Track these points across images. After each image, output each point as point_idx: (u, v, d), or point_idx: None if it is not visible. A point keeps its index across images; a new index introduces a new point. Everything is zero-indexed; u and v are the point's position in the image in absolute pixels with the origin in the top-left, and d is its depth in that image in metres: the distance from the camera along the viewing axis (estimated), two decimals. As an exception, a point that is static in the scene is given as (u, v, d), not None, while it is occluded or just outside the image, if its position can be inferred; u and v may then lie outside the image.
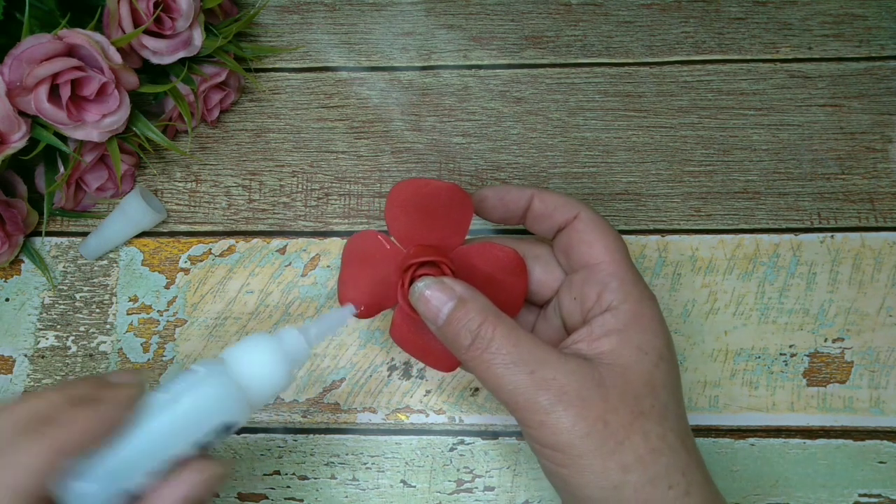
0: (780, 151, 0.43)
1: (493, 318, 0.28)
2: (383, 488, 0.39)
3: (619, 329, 0.28)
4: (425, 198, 0.31)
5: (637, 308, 0.29)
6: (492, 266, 0.32)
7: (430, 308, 0.29)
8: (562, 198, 0.32)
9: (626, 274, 0.30)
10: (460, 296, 0.28)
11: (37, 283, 0.42)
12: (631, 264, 0.30)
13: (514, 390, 0.27)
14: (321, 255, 0.42)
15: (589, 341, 0.28)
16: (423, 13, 0.47)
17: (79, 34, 0.35)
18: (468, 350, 0.28)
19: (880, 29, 0.45)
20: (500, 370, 0.27)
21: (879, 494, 0.38)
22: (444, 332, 0.29)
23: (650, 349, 0.28)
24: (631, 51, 0.45)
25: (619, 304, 0.29)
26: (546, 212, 0.32)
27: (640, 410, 0.27)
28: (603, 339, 0.28)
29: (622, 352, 0.28)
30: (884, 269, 0.41)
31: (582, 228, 0.31)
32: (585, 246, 0.31)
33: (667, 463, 0.26)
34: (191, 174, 0.44)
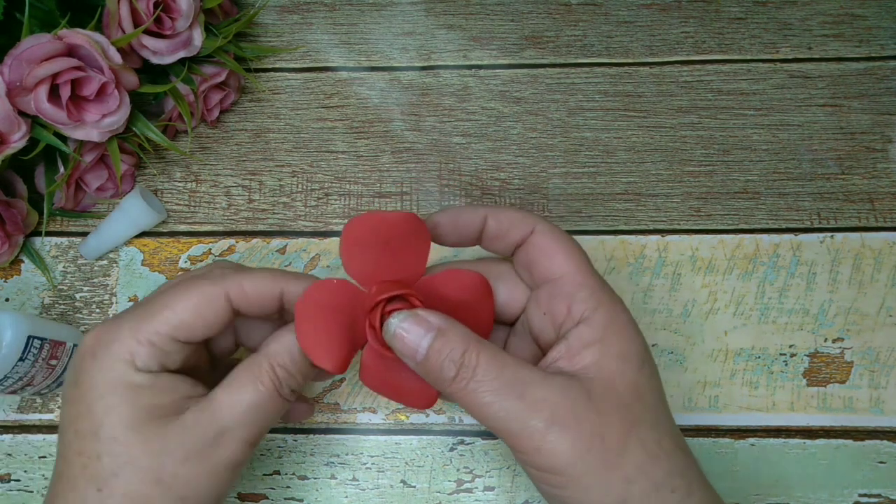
0: (779, 151, 0.43)
1: (476, 345, 0.27)
2: (383, 488, 0.39)
3: (596, 339, 0.28)
4: (382, 231, 0.29)
5: (610, 315, 0.28)
6: (458, 292, 0.31)
7: (408, 344, 0.27)
8: (516, 213, 0.31)
9: (593, 282, 0.29)
10: (438, 327, 0.27)
11: (37, 283, 0.42)
12: (594, 271, 0.30)
13: (506, 417, 0.26)
14: (321, 255, 0.42)
15: (568, 357, 0.28)
16: (423, 13, 0.47)
17: (79, 34, 0.35)
18: (453, 382, 0.26)
19: (880, 29, 0.45)
20: (488, 398, 0.26)
21: (879, 494, 0.38)
22: (425, 366, 0.27)
23: (631, 355, 0.28)
24: (631, 51, 0.45)
25: (591, 313, 0.28)
26: (501, 230, 0.31)
27: (632, 419, 0.26)
28: (583, 353, 0.27)
29: (604, 362, 0.27)
30: (884, 269, 0.41)
31: (540, 242, 0.30)
32: (546, 259, 0.30)
33: (667, 468, 0.26)
34: (191, 174, 0.44)
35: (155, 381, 0.27)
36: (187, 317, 0.27)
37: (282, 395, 0.28)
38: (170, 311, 0.27)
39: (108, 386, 0.26)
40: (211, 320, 0.27)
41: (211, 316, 0.27)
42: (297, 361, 0.28)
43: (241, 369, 0.28)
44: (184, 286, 0.27)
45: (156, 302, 0.27)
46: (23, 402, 0.40)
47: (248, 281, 0.28)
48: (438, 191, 0.43)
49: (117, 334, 0.27)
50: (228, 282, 0.28)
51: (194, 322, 0.27)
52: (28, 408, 0.40)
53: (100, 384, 0.26)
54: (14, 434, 0.40)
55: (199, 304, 0.27)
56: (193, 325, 0.27)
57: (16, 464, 0.39)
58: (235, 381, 0.27)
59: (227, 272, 0.28)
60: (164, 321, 0.27)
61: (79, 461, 0.26)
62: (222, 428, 0.26)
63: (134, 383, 0.26)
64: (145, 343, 0.26)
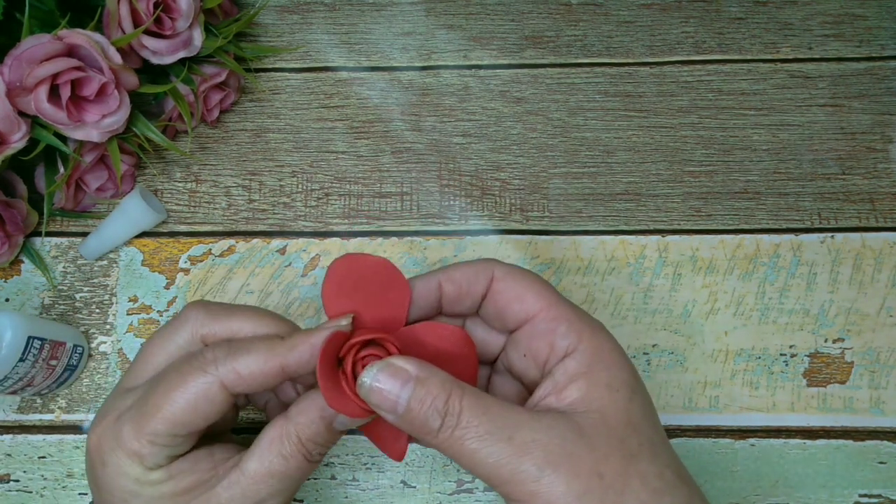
0: (780, 151, 0.43)
1: (458, 391, 0.25)
2: (383, 489, 0.39)
3: (582, 372, 0.26)
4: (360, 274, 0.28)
5: (595, 344, 0.27)
6: (440, 341, 0.29)
7: (386, 398, 0.25)
8: (469, 267, 0.29)
9: (569, 313, 0.28)
10: (416, 376, 0.25)
11: (37, 283, 0.42)
12: (567, 302, 0.29)
13: (496, 463, 0.24)
14: (321, 255, 0.42)
15: (556, 394, 0.26)
16: (423, 13, 0.47)
17: (79, 34, 0.35)
18: (440, 432, 0.25)
19: (880, 29, 0.45)
20: (475, 444, 0.24)
21: (879, 495, 0.38)
22: (407, 419, 0.25)
23: (620, 385, 0.26)
24: (631, 51, 0.45)
25: (574, 345, 0.27)
26: (461, 291, 0.29)
27: (630, 453, 0.25)
28: (570, 387, 0.26)
29: (593, 395, 0.26)
30: (884, 270, 0.41)
31: (504, 288, 0.29)
32: (516, 303, 0.28)
33: (671, 502, 0.25)
34: (191, 174, 0.44)
35: (170, 471, 0.27)
36: (184, 415, 0.26)
37: (312, 462, 0.28)
38: (165, 411, 0.26)
39: (127, 491, 0.27)
40: (208, 412, 0.27)
41: (207, 409, 0.27)
42: (323, 432, 0.27)
43: (269, 440, 0.27)
44: (176, 380, 0.26)
45: (149, 402, 0.27)
46: (23, 403, 0.40)
47: (242, 366, 0.27)
48: (438, 191, 0.43)
49: (118, 439, 0.26)
50: (222, 369, 0.26)
51: (192, 419, 0.26)
52: (28, 408, 0.40)
53: (118, 489, 0.27)
54: (14, 434, 0.40)
55: (193, 400, 0.26)
56: (191, 421, 0.26)
57: (15, 464, 0.39)
58: (266, 454, 0.27)
59: (218, 356, 0.27)
60: (160, 421, 0.26)
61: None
62: (259, 498, 0.27)
63: (151, 481, 0.26)
64: (147, 444, 0.26)
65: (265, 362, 0.27)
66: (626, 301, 0.41)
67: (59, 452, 0.39)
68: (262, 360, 0.27)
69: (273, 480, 0.27)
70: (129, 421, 0.27)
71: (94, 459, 0.27)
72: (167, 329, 0.29)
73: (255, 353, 0.27)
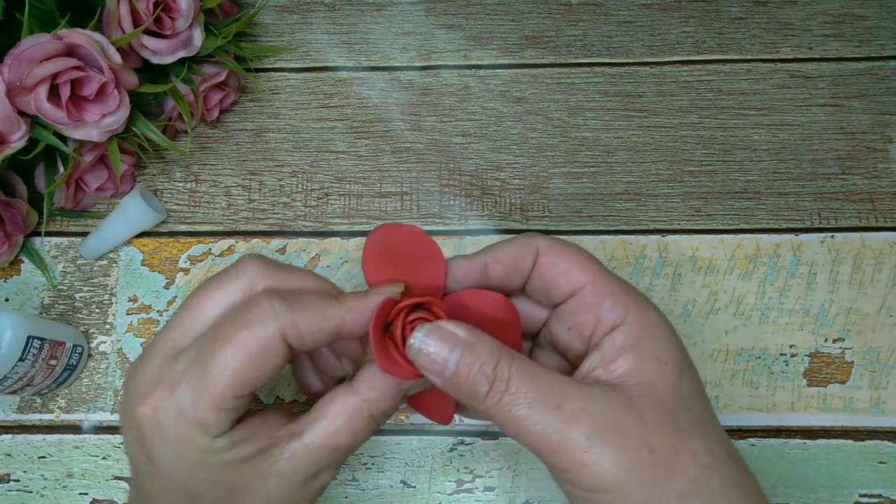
0: (780, 151, 0.43)
1: (507, 357, 0.25)
2: (383, 488, 0.39)
3: (631, 344, 0.26)
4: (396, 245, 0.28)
5: (642, 317, 0.27)
6: (484, 308, 0.29)
7: (435, 361, 0.25)
8: (514, 246, 0.29)
9: (615, 286, 0.27)
10: (466, 341, 0.25)
11: (37, 283, 0.42)
12: (613, 275, 0.28)
13: (544, 430, 0.24)
14: (321, 255, 0.42)
15: (604, 366, 0.26)
16: (423, 13, 0.47)
17: (79, 34, 0.35)
18: (487, 398, 0.25)
19: (880, 29, 0.45)
20: (523, 411, 0.24)
21: (880, 495, 0.38)
22: (455, 383, 0.25)
23: (669, 359, 0.26)
24: (631, 51, 0.45)
25: (622, 318, 0.27)
26: (508, 270, 0.29)
27: (679, 428, 0.24)
28: (619, 360, 0.26)
29: (643, 368, 0.25)
30: (884, 270, 0.41)
31: (549, 262, 0.28)
32: (562, 277, 0.28)
33: (721, 480, 0.24)
34: (191, 174, 0.44)
35: (233, 438, 0.26)
36: (248, 373, 0.25)
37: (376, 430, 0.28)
38: (230, 372, 0.25)
39: (193, 463, 0.25)
40: (272, 367, 0.26)
41: (271, 364, 0.25)
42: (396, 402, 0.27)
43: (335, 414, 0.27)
44: (237, 335, 0.25)
45: (210, 363, 0.25)
46: (23, 403, 0.40)
47: (302, 320, 0.26)
48: (438, 191, 0.43)
49: (181, 409, 0.25)
50: (283, 320, 0.25)
51: (257, 376, 0.25)
52: (28, 408, 0.40)
53: (183, 463, 0.25)
54: (14, 434, 0.40)
55: (259, 355, 0.25)
56: (257, 378, 0.25)
57: (15, 464, 0.39)
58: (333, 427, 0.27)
59: (277, 307, 0.25)
60: (226, 384, 0.25)
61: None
62: (320, 468, 0.27)
63: (216, 449, 0.25)
64: (212, 410, 0.25)
65: (325, 320, 0.26)
66: (626, 301, 0.41)
67: (59, 452, 0.39)
68: (322, 318, 0.26)
69: (336, 452, 0.27)
70: (189, 387, 0.25)
71: (150, 434, 0.25)
72: (220, 280, 0.27)
73: (314, 307, 0.26)
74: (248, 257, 0.28)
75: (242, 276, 0.27)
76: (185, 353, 0.26)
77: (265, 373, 0.25)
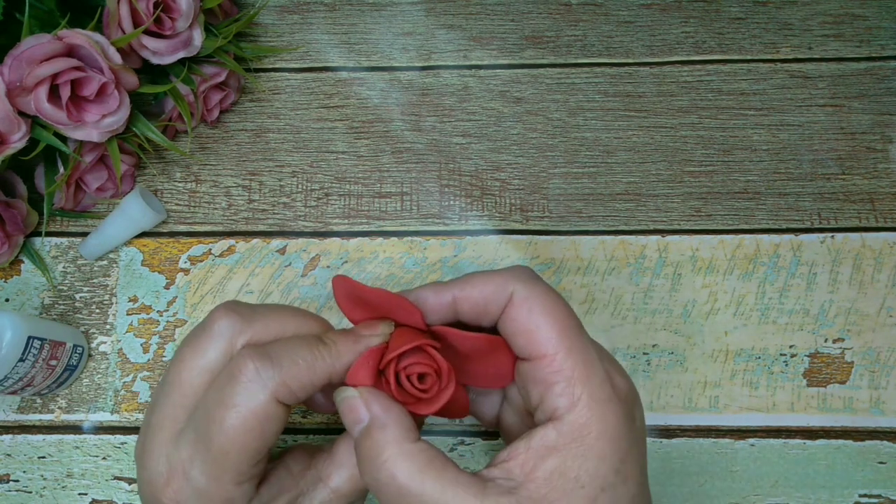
0: (780, 151, 0.43)
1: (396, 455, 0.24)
2: (383, 488, 0.39)
3: (558, 449, 0.24)
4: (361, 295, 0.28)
5: (584, 419, 0.24)
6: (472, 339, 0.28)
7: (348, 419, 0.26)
8: (488, 284, 0.27)
9: (575, 370, 0.25)
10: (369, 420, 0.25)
11: (37, 283, 0.42)
12: (584, 351, 0.25)
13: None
14: (321, 255, 0.42)
15: (524, 460, 0.24)
16: (423, 13, 0.47)
17: (79, 34, 0.35)
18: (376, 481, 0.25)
19: (880, 29, 0.45)
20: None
21: (879, 495, 0.38)
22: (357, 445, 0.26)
23: (588, 480, 0.23)
24: (631, 51, 0.45)
25: (564, 412, 0.24)
26: (477, 311, 0.27)
27: None
28: (538, 462, 0.24)
29: (556, 483, 0.23)
30: (884, 270, 0.41)
31: (518, 316, 0.26)
32: (524, 337, 0.26)
33: None
34: (191, 174, 0.44)
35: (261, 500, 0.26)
36: (253, 443, 0.25)
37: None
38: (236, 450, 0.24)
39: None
40: (274, 430, 0.25)
41: (271, 427, 0.25)
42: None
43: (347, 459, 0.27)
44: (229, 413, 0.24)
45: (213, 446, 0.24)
46: (23, 403, 0.40)
47: (290, 378, 0.25)
48: (438, 191, 0.43)
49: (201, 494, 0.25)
50: (271, 384, 0.25)
51: (262, 444, 0.25)
52: (28, 408, 0.40)
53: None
54: (14, 434, 0.40)
55: (257, 429, 0.25)
56: (262, 446, 0.25)
57: (15, 464, 0.39)
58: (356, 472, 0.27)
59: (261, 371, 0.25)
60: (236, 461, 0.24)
61: None
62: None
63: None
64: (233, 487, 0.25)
65: (314, 373, 0.25)
66: (626, 301, 0.41)
67: (59, 452, 0.39)
68: (311, 371, 0.25)
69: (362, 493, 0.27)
70: (202, 473, 0.25)
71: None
72: (196, 343, 0.26)
73: (301, 361, 0.25)
74: (219, 309, 0.27)
75: (218, 337, 0.26)
76: (185, 436, 0.25)
77: (270, 437, 0.25)
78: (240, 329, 0.26)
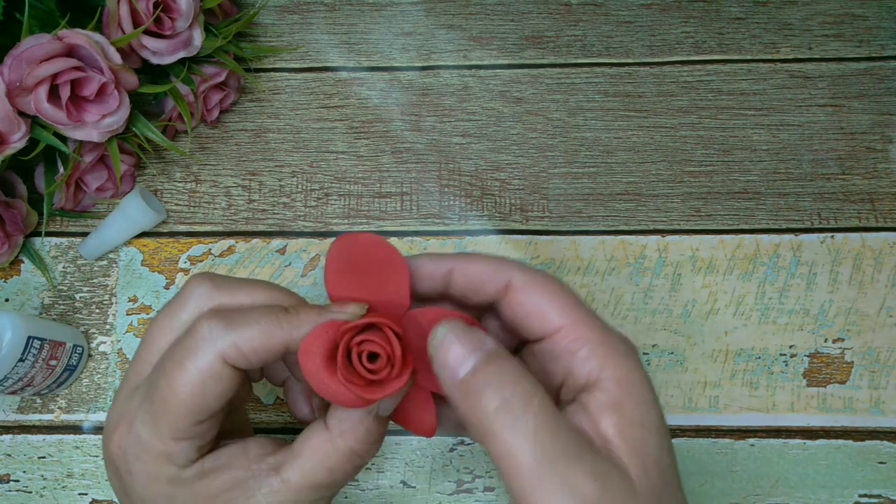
0: (780, 151, 0.43)
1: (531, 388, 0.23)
2: (383, 489, 0.39)
3: (615, 404, 0.24)
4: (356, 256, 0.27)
5: (622, 375, 0.25)
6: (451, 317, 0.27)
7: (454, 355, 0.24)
8: (487, 266, 0.27)
9: (593, 334, 0.25)
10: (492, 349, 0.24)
11: (36, 283, 0.42)
12: (593, 319, 0.26)
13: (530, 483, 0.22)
14: (321, 255, 0.42)
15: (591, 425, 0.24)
16: (423, 13, 0.47)
17: (79, 34, 0.35)
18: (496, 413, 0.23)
19: (880, 29, 0.45)
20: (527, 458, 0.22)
21: (879, 495, 0.38)
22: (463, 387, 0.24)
23: (651, 426, 0.24)
24: (631, 51, 0.45)
25: (599, 372, 0.24)
26: (471, 287, 0.27)
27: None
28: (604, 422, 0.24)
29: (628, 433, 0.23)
30: (884, 270, 0.41)
31: (524, 299, 0.26)
32: (535, 318, 0.26)
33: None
34: (191, 174, 0.44)
35: (203, 467, 0.25)
36: (195, 400, 0.24)
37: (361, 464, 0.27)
38: (176, 403, 0.24)
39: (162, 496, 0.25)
40: (220, 391, 0.25)
41: (218, 388, 0.25)
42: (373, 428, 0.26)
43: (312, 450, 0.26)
44: (174, 366, 0.25)
45: (156, 397, 0.25)
46: (23, 403, 0.40)
47: (242, 339, 0.25)
48: (438, 191, 0.43)
49: (140, 444, 0.25)
50: (220, 343, 0.25)
51: (205, 402, 0.25)
52: (28, 408, 0.40)
53: (151, 495, 0.25)
54: (14, 434, 0.40)
55: (200, 383, 0.24)
56: (206, 405, 0.25)
57: (15, 464, 0.39)
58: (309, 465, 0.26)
59: (213, 329, 0.25)
60: (175, 415, 0.24)
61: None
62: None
63: (185, 479, 0.25)
64: (171, 442, 0.25)
65: (268, 337, 0.25)
66: (626, 301, 0.41)
67: (59, 452, 0.39)
68: (266, 335, 0.25)
69: (317, 491, 0.26)
70: (144, 423, 0.25)
71: (120, 469, 0.26)
72: (170, 308, 0.27)
73: (256, 325, 0.25)
74: (196, 276, 0.27)
75: (190, 301, 0.26)
76: (139, 389, 0.26)
77: (214, 398, 0.25)
78: (210, 295, 0.26)
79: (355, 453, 0.26)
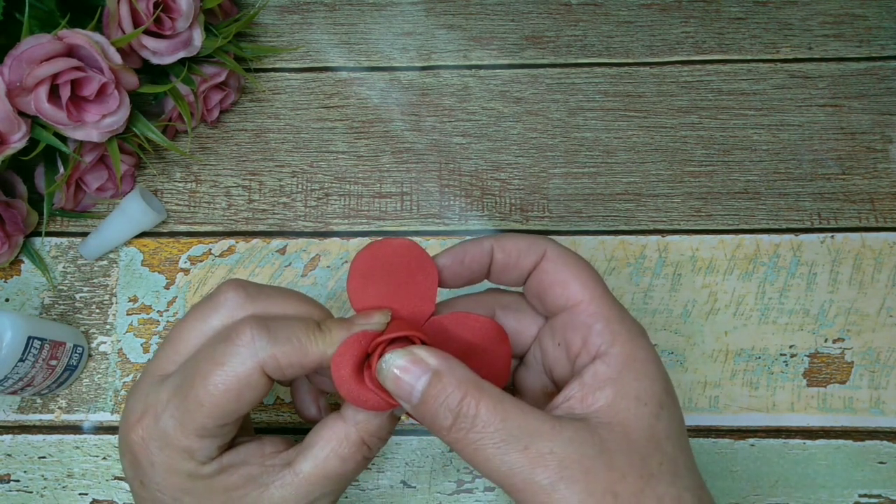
0: (780, 151, 0.43)
1: (475, 391, 0.24)
2: (383, 489, 0.39)
3: (612, 378, 0.25)
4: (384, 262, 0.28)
5: (628, 350, 0.26)
6: (470, 334, 0.29)
7: (402, 387, 0.25)
8: (523, 241, 0.29)
9: (610, 311, 0.27)
10: (435, 369, 0.25)
11: (37, 283, 0.42)
12: (612, 298, 0.28)
13: (509, 471, 0.24)
14: (321, 255, 0.42)
15: (581, 396, 0.25)
16: (423, 13, 0.47)
17: (79, 34, 0.35)
18: (450, 431, 0.24)
19: (880, 29, 0.45)
20: (490, 451, 0.24)
21: (879, 495, 0.38)
22: (420, 412, 0.25)
23: (649, 398, 0.25)
24: (631, 51, 0.45)
25: (607, 347, 0.26)
26: (510, 261, 0.29)
27: (649, 473, 0.24)
28: (597, 393, 0.25)
29: (620, 405, 0.25)
30: (884, 270, 0.41)
31: (552, 269, 0.28)
32: (559, 287, 0.28)
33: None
34: (191, 174, 0.44)
35: (221, 463, 0.26)
36: (228, 404, 0.25)
37: (370, 457, 0.28)
38: (210, 404, 0.25)
39: (180, 489, 0.26)
40: (252, 399, 0.26)
41: (251, 396, 0.26)
42: (386, 425, 0.27)
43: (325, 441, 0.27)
44: (215, 368, 0.25)
45: (190, 395, 0.25)
46: (23, 403, 0.40)
47: (282, 354, 0.26)
48: (438, 191, 0.43)
49: (166, 437, 0.25)
50: (262, 354, 0.25)
51: (237, 407, 0.26)
52: (28, 408, 0.40)
53: (169, 487, 0.26)
54: (14, 434, 0.40)
55: (236, 388, 0.25)
56: (237, 409, 0.26)
57: (15, 464, 0.39)
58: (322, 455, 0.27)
59: (256, 340, 0.25)
60: (206, 415, 0.25)
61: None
62: (313, 497, 0.27)
63: (203, 475, 0.26)
64: (196, 439, 0.25)
65: (306, 354, 0.26)
66: (626, 301, 0.41)
67: (59, 452, 0.40)
68: (304, 352, 0.26)
69: (328, 481, 0.27)
70: (172, 417, 0.25)
71: (140, 459, 0.26)
72: (202, 310, 0.27)
73: (296, 341, 0.26)
74: (230, 283, 0.28)
75: (222, 307, 0.27)
76: (169, 381, 0.26)
77: (245, 404, 0.26)
78: (244, 304, 0.27)
79: (366, 444, 0.27)
